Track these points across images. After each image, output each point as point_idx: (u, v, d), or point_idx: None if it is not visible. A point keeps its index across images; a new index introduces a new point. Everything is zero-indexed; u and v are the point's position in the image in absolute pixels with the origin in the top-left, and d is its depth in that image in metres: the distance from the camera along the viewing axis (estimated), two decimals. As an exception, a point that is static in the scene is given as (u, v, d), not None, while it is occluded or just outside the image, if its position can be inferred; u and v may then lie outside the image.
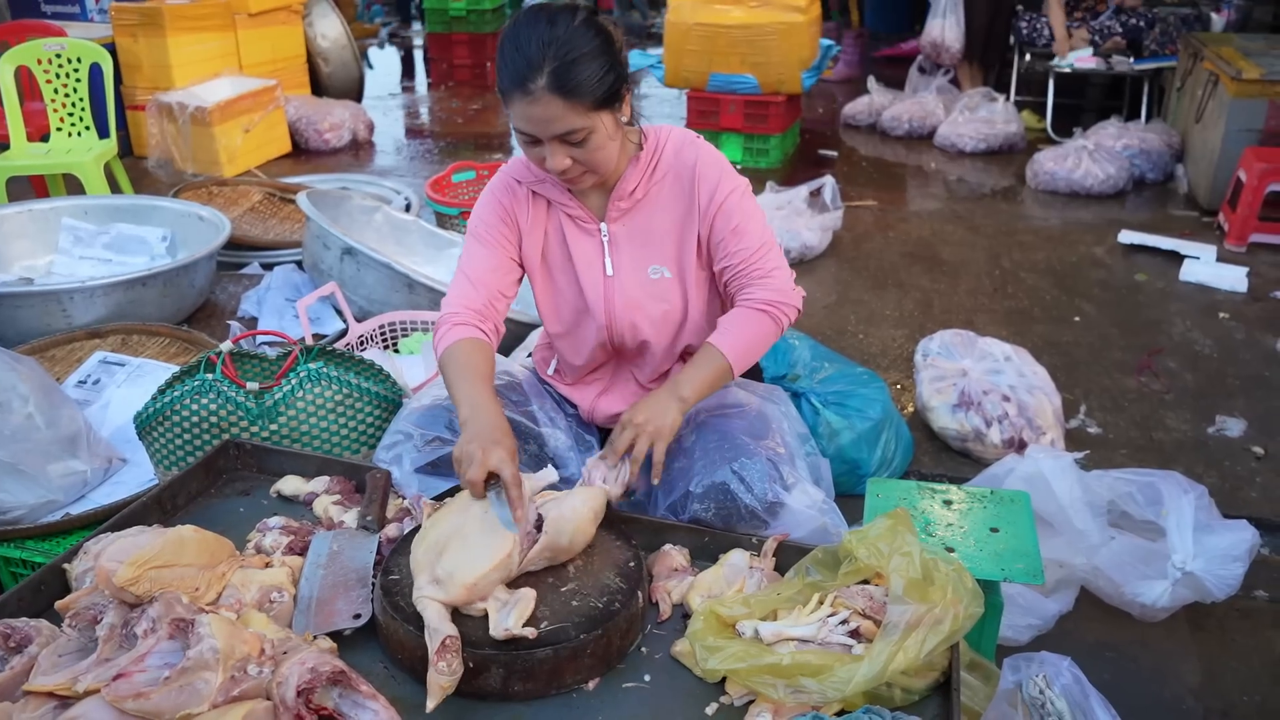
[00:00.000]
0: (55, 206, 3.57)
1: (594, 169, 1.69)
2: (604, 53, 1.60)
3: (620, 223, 1.82)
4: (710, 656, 1.37)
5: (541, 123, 1.59)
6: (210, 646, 1.25)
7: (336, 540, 1.64)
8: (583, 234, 1.84)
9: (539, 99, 1.56)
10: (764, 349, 1.81)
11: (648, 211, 1.82)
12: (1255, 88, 4.58)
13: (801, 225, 4.25)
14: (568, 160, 1.64)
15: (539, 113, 1.57)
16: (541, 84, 1.55)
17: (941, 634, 1.37)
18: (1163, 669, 2.10)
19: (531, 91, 1.55)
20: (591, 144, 1.63)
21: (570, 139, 1.61)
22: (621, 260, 1.83)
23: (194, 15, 5.63)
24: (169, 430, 2.00)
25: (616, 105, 1.65)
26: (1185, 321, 3.75)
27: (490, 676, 1.38)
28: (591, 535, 1.57)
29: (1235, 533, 2.03)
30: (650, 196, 1.81)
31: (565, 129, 1.59)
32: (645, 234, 1.82)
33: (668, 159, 1.81)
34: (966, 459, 2.84)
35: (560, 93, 1.55)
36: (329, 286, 2.60)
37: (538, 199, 1.85)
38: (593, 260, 1.84)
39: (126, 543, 1.42)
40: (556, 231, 1.85)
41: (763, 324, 1.77)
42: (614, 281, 1.84)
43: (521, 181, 1.85)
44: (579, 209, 1.82)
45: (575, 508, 1.55)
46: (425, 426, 1.82)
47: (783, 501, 1.68)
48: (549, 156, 1.63)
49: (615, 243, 1.83)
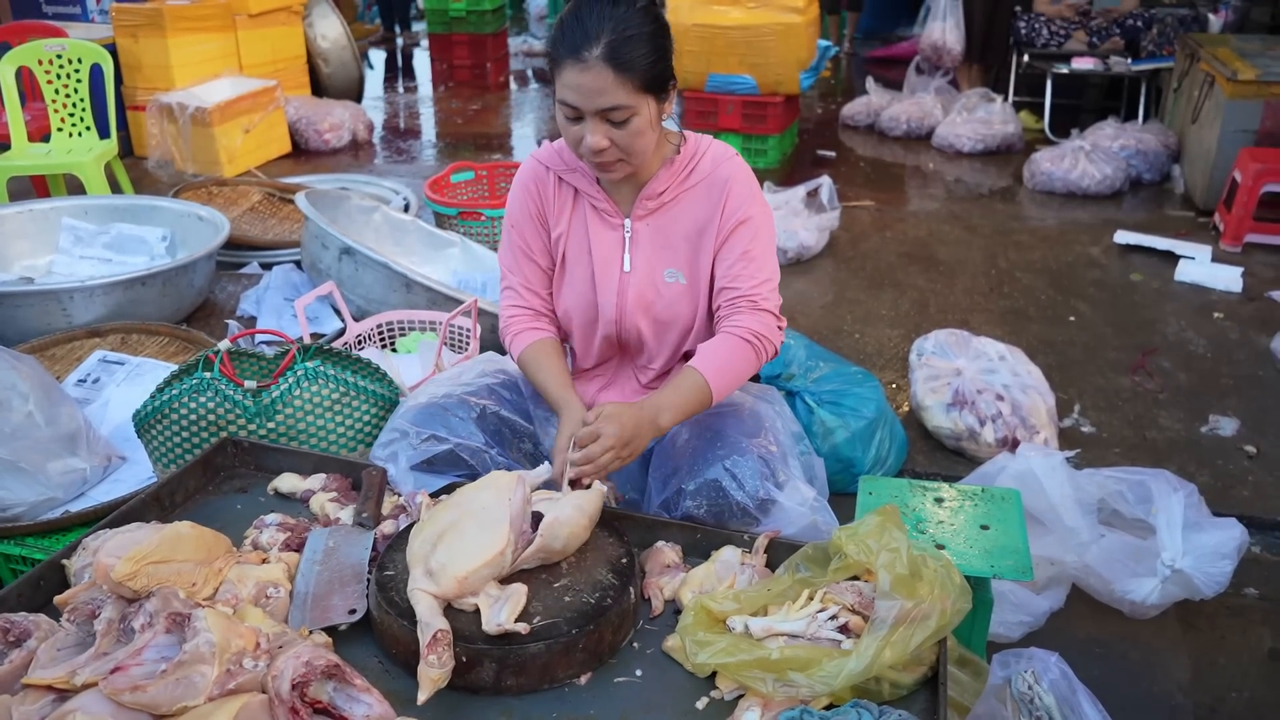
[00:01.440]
0: (55, 206, 3.59)
1: (629, 155, 1.69)
2: (658, 40, 1.65)
3: (645, 221, 1.84)
4: (700, 651, 1.39)
5: (590, 93, 1.61)
6: (206, 640, 1.26)
7: (332, 537, 1.66)
8: (606, 227, 1.86)
9: (591, 67, 1.59)
10: (743, 380, 1.80)
11: (673, 214, 1.83)
12: (1251, 89, 4.60)
13: (799, 225, 4.27)
14: (605, 140, 1.65)
15: (589, 81, 1.60)
16: (596, 53, 1.58)
17: (929, 629, 1.38)
18: (1153, 665, 2.12)
19: (585, 59, 1.59)
20: (632, 126, 1.65)
21: (612, 116, 1.63)
22: (640, 258, 1.85)
23: (194, 16, 5.65)
24: (167, 428, 2.02)
25: (662, 95, 1.69)
26: (1180, 321, 3.77)
27: (483, 671, 1.39)
28: (586, 538, 1.57)
29: (1224, 531, 2.05)
30: (679, 200, 1.82)
31: (610, 103, 1.61)
32: (667, 236, 1.84)
33: (704, 167, 1.82)
34: (961, 458, 2.86)
35: (613, 64, 1.59)
36: (327, 286, 2.61)
37: (564, 187, 1.87)
38: (612, 254, 1.86)
39: (124, 538, 1.44)
40: (580, 222, 1.87)
41: (747, 355, 1.77)
42: (630, 278, 1.86)
43: (550, 168, 1.87)
44: (606, 202, 1.84)
45: (571, 512, 1.55)
46: (421, 424, 1.83)
47: (774, 499, 1.69)
48: (589, 133, 1.65)
49: (637, 240, 1.84)
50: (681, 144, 1.82)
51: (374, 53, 9.90)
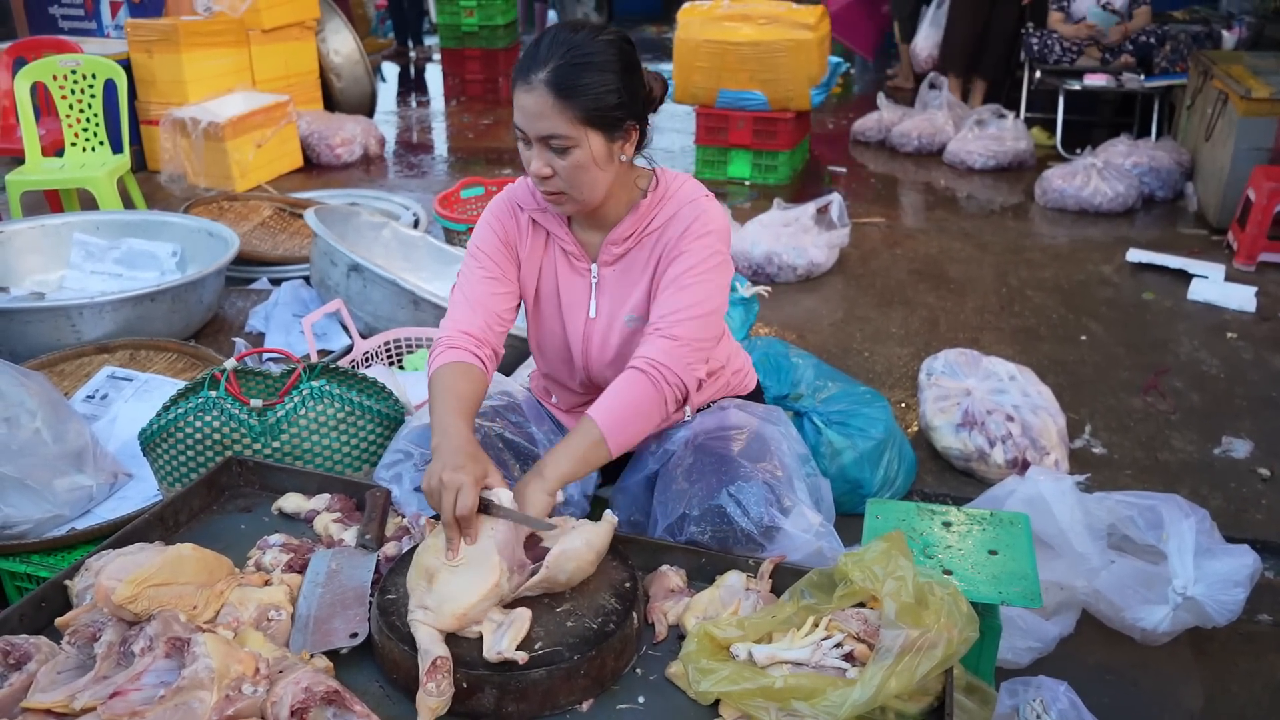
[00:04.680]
0: (67, 221, 3.61)
1: (573, 190, 1.65)
2: (616, 73, 1.60)
3: (611, 267, 1.80)
4: (703, 679, 1.38)
5: (530, 116, 1.59)
6: (205, 666, 1.26)
7: (335, 559, 1.65)
8: (574, 273, 1.83)
9: (534, 89, 1.57)
10: (647, 420, 1.66)
11: (636, 257, 1.78)
12: (1265, 106, 4.57)
13: (808, 242, 4.26)
14: (548, 169, 1.62)
15: (530, 104, 1.58)
16: (541, 76, 1.57)
17: (935, 658, 1.37)
18: (1163, 693, 2.09)
19: (530, 82, 1.57)
20: (573, 158, 1.60)
21: (552, 144, 1.60)
22: (604, 304, 1.81)
23: (208, 32, 5.69)
24: (173, 447, 2.02)
25: (613, 133, 1.63)
26: (1193, 341, 3.73)
27: (484, 697, 1.38)
28: (591, 572, 1.55)
29: (1237, 558, 2.02)
30: (643, 244, 1.77)
31: (549, 130, 1.59)
32: (629, 281, 1.80)
33: (668, 210, 1.76)
34: (970, 479, 2.83)
35: (555, 90, 1.56)
36: (334, 303, 2.62)
37: (538, 229, 1.84)
38: (579, 300, 1.83)
39: (125, 561, 1.43)
40: (551, 266, 1.84)
41: (641, 388, 1.64)
42: (595, 325, 1.83)
43: (524, 208, 1.83)
44: (574, 245, 1.81)
45: (579, 546, 1.52)
46: (425, 445, 1.82)
47: (779, 525, 1.68)
48: (533, 159, 1.63)
49: (603, 286, 1.81)
50: (653, 187, 1.76)
51: (387, 66, 9.95)
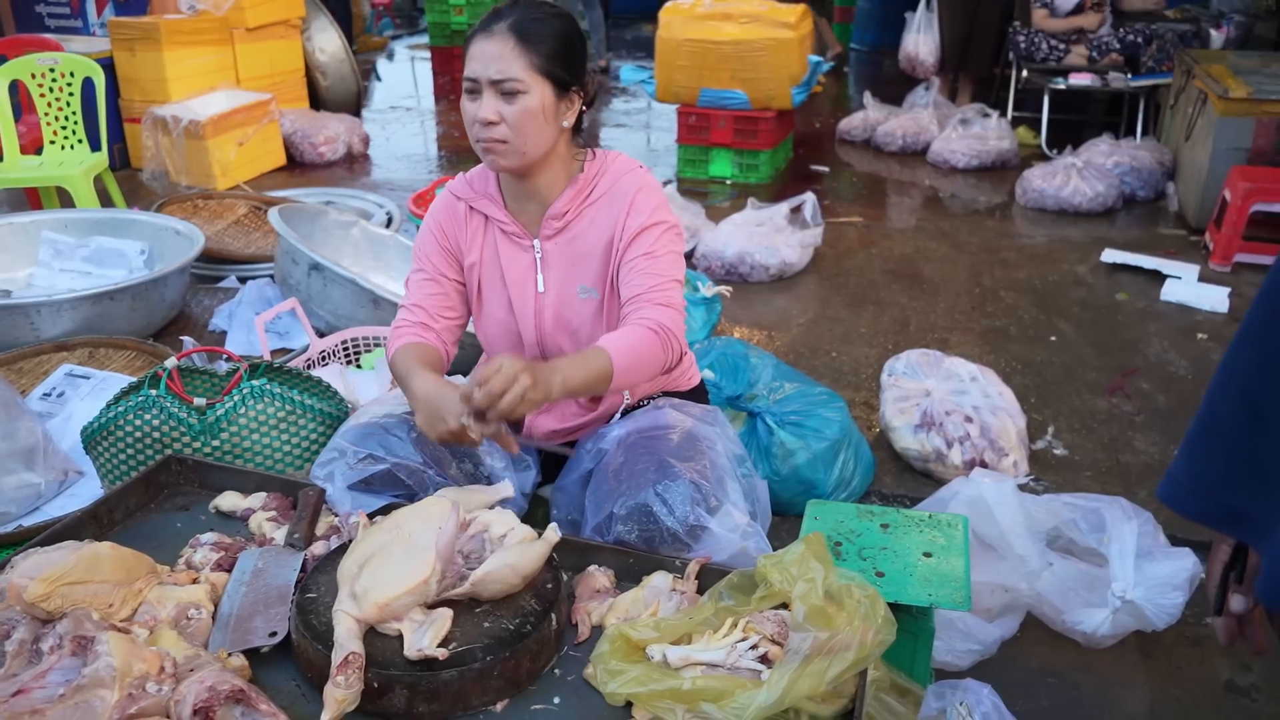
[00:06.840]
0: (35, 220, 3.62)
1: (516, 139, 1.72)
2: (566, 39, 1.74)
3: (553, 241, 1.87)
4: (611, 680, 1.37)
5: (488, 59, 1.69)
6: (107, 664, 1.26)
7: (262, 557, 1.65)
8: (517, 250, 1.89)
9: (495, 35, 1.69)
10: (647, 370, 1.75)
11: (579, 230, 1.86)
12: (1242, 106, 4.57)
13: (780, 242, 4.26)
14: (495, 115, 1.70)
15: (490, 48, 1.69)
16: (503, 25, 1.70)
17: (847, 661, 1.36)
18: (1105, 697, 2.08)
19: (491, 30, 1.70)
20: (521, 104, 1.70)
21: (504, 87, 1.69)
22: (552, 278, 1.88)
23: (190, 30, 5.70)
24: (114, 445, 2.02)
25: (562, 91, 1.75)
26: (1163, 342, 3.73)
27: (394, 697, 1.38)
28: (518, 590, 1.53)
29: (1176, 561, 2.01)
30: (583, 216, 1.86)
31: (504, 74, 1.68)
32: (575, 253, 1.86)
33: (605, 183, 1.86)
34: (929, 480, 2.83)
35: (517, 34, 1.69)
36: (289, 302, 2.62)
37: (475, 215, 1.91)
38: (526, 277, 1.89)
39: (39, 559, 1.44)
40: (491, 249, 1.91)
41: (653, 345, 1.73)
42: (545, 299, 1.89)
43: (461, 198, 1.91)
44: (514, 225, 1.88)
45: (505, 571, 1.50)
46: (358, 443, 1.83)
47: (705, 525, 1.68)
48: (482, 104, 1.70)
49: (547, 260, 1.88)
50: (587, 162, 1.87)
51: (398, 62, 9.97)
